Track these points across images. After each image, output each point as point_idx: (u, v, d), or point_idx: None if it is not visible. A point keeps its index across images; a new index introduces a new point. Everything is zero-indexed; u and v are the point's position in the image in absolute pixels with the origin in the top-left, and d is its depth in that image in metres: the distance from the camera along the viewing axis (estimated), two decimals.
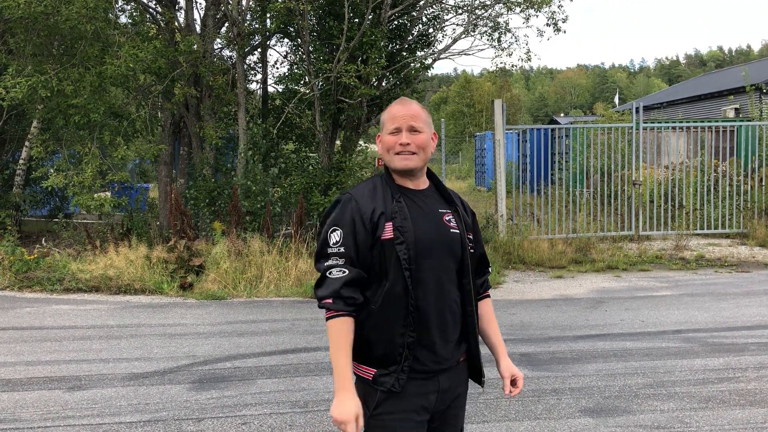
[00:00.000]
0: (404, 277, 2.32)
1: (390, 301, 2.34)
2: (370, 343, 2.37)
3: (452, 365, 2.45)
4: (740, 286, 9.29)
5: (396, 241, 2.34)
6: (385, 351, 2.34)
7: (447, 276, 2.41)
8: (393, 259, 2.33)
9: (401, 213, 2.38)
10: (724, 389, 5.18)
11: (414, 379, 2.35)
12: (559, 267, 10.88)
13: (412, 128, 2.45)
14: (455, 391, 2.48)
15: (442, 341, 2.39)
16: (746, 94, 19.72)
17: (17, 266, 9.92)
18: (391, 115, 2.49)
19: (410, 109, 2.49)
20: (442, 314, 2.39)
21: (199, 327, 7.41)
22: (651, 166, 13.99)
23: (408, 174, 2.47)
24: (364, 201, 2.40)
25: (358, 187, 2.49)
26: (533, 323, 7.41)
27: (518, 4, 12.80)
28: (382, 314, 2.34)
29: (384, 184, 2.48)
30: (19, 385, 5.44)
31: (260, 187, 11.32)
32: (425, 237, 2.38)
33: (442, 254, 2.40)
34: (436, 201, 2.51)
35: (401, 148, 2.43)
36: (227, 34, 13.57)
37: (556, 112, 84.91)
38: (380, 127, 2.56)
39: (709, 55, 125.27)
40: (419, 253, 2.35)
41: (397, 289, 2.33)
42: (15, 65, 11.15)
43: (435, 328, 2.37)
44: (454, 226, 2.46)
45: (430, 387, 2.38)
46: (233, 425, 4.57)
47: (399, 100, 2.56)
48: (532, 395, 5.09)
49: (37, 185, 16.43)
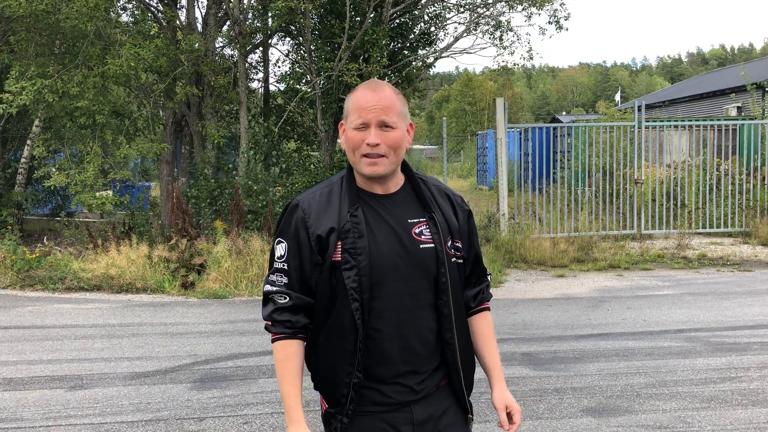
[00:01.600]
0: (351, 309, 1.96)
1: (335, 335, 2.00)
2: (319, 377, 2.09)
3: (430, 392, 2.07)
4: (743, 285, 9.27)
5: (344, 266, 1.97)
6: (331, 389, 2.04)
7: (416, 301, 2.02)
8: (341, 286, 1.98)
9: (355, 230, 1.98)
10: (727, 389, 5.17)
11: (374, 413, 2.02)
12: (560, 266, 10.86)
13: (383, 124, 1.98)
14: (440, 421, 2.07)
15: (410, 373, 2.02)
16: (748, 92, 19.68)
17: (19, 265, 9.92)
18: (356, 105, 2.01)
19: (381, 98, 1.99)
20: (409, 346, 2.01)
21: (201, 326, 7.41)
22: (653, 165, 13.97)
23: (376, 179, 2.05)
24: (313, 211, 2.03)
25: (311, 192, 2.10)
26: (535, 322, 7.40)
27: (520, 2, 12.79)
28: (328, 348, 2.03)
29: (342, 189, 2.06)
30: (20, 384, 5.44)
31: (262, 186, 11.32)
32: (385, 258, 1.99)
33: (409, 276, 2.01)
34: (407, 207, 2.07)
35: (369, 149, 1.98)
36: (228, 32, 13.57)
37: (558, 110, 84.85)
38: (344, 115, 2.08)
39: (711, 54, 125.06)
40: (377, 278, 1.97)
41: (344, 321, 1.97)
42: (18, 66, 11.15)
43: (398, 362, 2.01)
44: (426, 240, 2.04)
45: (400, 420, 2.02)
46: (235, 425, 4.57)
47: (367, 83, 2.08)
48: (533, 395, 5.08)
49: (38, 184, 16.45)
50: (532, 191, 13.95)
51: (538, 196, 13.09)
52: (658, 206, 12.93)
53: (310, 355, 2.09)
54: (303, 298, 2.04)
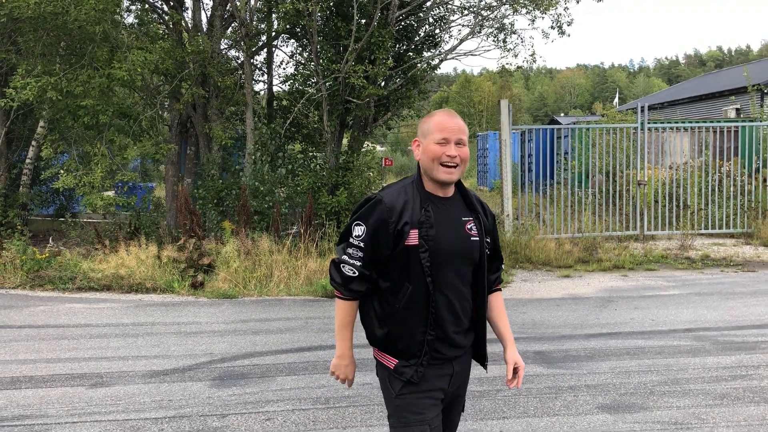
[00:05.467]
0: (426, 282, 2.55)
1: (412, 303, 2.57)
2: (392, 338, 2.62)
3: (465, 351, 2.73)
4: (747, 285, 9.37)
5: (421, 249, 2.54)
6: (407, 346, 2.60)
7: (462, 279, 2.64)
8: (416, 265, 2.55)
9: (428, 222, 2.55)
10: (738, 386, 5.26)
11: (433, 365, 2.61)
12: (566, 266, 10.95)
13: (460, 141, 2.62)
14: (463, 374, 2.75)
15: (456, 334, 2.64)
16: (747, 94, 19.80)
17: (29, 265, 9.98)
18: (440, 125, 2.61)
19: (458, 123, 2.64)
20: (456, 313, 2.63)
21: (214, 325, 7.48)
22: (655, 167, 14.07)
23: (444, 184, 2.64)
24: (393, 206, 2.56)
25: (389, 191, 2.64)
26: (544, 322, 7.49)
27: (524, 6, 12.88)
28: (405, 314, 2.58)
29: (414, 190, 2.63)
30: (41, 382, 5.51)
31: (268, 188, 11.39)
32: (447, 246, 2.57)
33: (461, 261, 2.62)
34: (460, 208, 2.68)
35: (448, 160, 2.58)
36: (233, 34, 13.65)
37: (556, 111, 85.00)
38: (422, 133, 2.67)
39: (709, 55, 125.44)
40: (440, 260, 2.56)
41: (420, 292, 2.56)
42: (24, 65, 11.22)
43: (451, 324, 2.62)
44: (475, 234, 2.66)
45: (446, 371, 2.65)
46: (257, 421, 4.65)
47: (444, 110, 2.70)
48: (549, 392, 5.17)
49: (43, 185, 16.50)
50: (534, 192, 14.04)
51: (541, 197, 13.18)
52: (660, 207, 13.03)
53: (380, 322, 2.64)
54: (369, 274, 2.61)
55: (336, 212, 11.60)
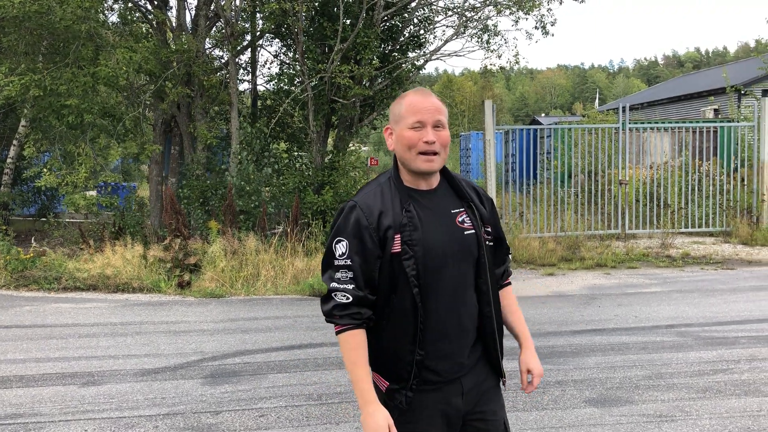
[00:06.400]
0: (412, 294, 2.18)
1: (398, 317, 2.21)
2: (382, 356, 2.27)
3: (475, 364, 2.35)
4: (726, 282, 9.57)
5: (403, 256, 2.18)
6: (395, 366, 2.25)
7: (463, 280, 2.27)
8: (402, 274, 2.19)
9: (411, 224, 2.19)
10: (720, 380, 5.40)
11: (431, 391, 2.25)
12: (549, 264, 11.09)
13: (438, 123, 2.21)
14: (481, 386, 2.35)
15: (461, 349, 2.27)
16: (725, 95, 20.12)
17: (13, 265, 9.92)
18: (413, 107, 2.20)
19: (434, 102, 2.22)
20: (460, 321, 2.27)
21: (203, 324, 7.50)
22: (635, 166, 14.28)
23: (426, 175, 2.25)
24: (370, 210, 2.20)
25: (364, 193, 2.27)
26: (530, 319, 7.60)
27: (508, 7, 13.02)
28: (392, 329, 2.23)
29: (392, 188, 2.26)
30: (32, 381, 5.52)
31: (254, 187, 11.41)
32: (438, 247, 2.21)
33: (457, 260, 2.25)
34: (448, 200, 2.30)
35: (426, 147, 2.17)
36: (218, 33, 13.64)
37: (537, 112, 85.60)
38: (394, 119, 2.28)
39: (687, 56, 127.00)
40: (431, 265, 2.20)
41: (405, 305, 2.19)
42: (7, 63, 11.14)
43: (453, 337, 2.25)
44: (469, 226, 2.28)
45: (453, 392, 2.27)
46: (251, 417, 4.70)
47: (417, 90, 2.28)
48: (537, 387, 5.26)
49: (24, 184, 16.36)
50: (518, 192, 14.19)
51: (524, 196, 13.33)
52: (641, 206, 13.23)
53: (370, 339, 2.27)
54: (365, 295, 2.21)
55: (322, 211, 11.66)
